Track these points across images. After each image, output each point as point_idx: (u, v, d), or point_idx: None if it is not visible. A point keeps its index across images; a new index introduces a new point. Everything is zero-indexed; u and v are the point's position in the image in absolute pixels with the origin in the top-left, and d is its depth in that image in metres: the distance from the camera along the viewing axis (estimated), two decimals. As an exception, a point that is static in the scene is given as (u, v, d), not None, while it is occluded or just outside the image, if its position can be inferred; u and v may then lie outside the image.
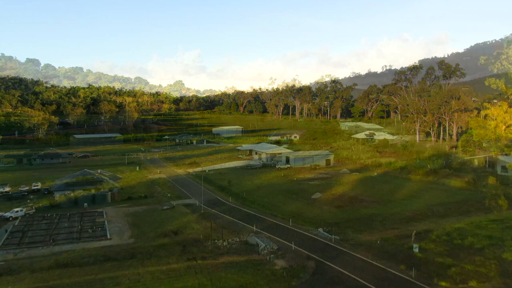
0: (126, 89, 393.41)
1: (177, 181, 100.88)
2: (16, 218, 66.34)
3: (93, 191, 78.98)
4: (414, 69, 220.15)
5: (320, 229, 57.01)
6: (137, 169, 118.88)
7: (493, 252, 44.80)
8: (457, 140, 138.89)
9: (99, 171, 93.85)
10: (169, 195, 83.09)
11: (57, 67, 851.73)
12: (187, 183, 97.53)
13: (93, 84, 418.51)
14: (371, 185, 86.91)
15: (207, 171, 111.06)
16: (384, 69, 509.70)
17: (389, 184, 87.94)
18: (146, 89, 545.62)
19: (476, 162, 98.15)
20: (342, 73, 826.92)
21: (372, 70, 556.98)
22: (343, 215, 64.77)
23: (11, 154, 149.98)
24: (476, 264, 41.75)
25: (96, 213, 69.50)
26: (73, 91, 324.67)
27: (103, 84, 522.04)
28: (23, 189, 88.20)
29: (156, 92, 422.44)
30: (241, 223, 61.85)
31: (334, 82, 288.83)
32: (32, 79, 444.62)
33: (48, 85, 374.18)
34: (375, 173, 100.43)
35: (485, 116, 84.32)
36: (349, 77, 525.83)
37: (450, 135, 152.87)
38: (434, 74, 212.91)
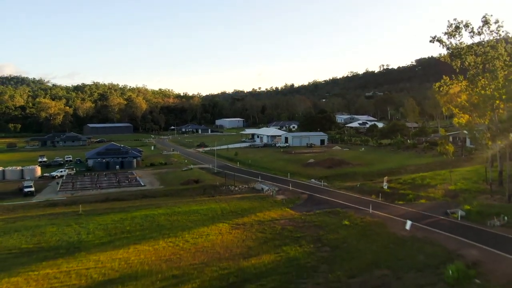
0: (130, 87, 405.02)
1: (190, 155, 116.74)
2: (61, 176, 79.92)
3: (120, 159, 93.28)
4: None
5: (313, 180, 70.91)
6: (152, 148, 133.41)
7: (442, 186, 58.26)
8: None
9: (122, 145, 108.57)
10: (186, 161, 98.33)
11: None
12: (199, 157, 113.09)
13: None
14: (358, 155, 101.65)
15: (215, 149, 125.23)
16: (381, 68, 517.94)
17: (374, 154, 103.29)
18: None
19: (450, 138, 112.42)
20: (340, 72, 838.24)
21: (370, 69, 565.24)
22: (331, 172, 78.32)
23: (36, 137, 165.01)
24: (428, 192, 55.17)
25: (127, 173, 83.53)
26: (79, 88, 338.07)
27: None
28: (58, 159, 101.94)
29: (159, 89, 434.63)
30: (248, 177, 75.69)
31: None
32: (34, 78, 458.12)
33: (50, 84, 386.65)
34: (363, 148, 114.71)
35: None
36: (347, 76, 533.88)
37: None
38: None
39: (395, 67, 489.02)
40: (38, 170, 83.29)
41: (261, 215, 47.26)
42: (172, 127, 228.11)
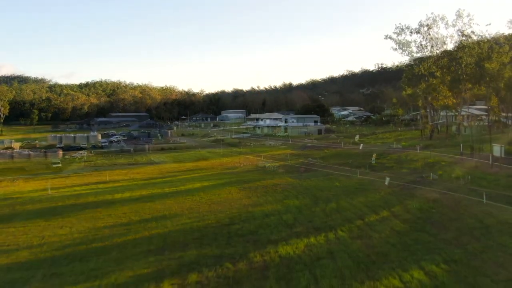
0: (136, 83, 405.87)
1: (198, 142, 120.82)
2: (117, 141, 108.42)
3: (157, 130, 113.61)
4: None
5: (310, 158, 74.25)
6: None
7: (424, 160, 61.48)
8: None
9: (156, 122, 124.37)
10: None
11: None
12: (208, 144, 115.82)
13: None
14: (343, 129, 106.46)
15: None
16: (377, 67, 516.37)
17: (359, 129, 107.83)
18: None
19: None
20: (337, 71, 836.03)
21: (366, 68, 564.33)
22: (321, 137, 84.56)
23: (73, 122, 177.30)
24: (410, 165, 58.49)
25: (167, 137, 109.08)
26: (88, 85, 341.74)
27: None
28: (112, 132, 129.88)
29: (165, 85, 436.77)
30: (259, 138, 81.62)
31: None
32: (36, 77, 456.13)
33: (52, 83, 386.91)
34: (357, 136, 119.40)
35: None
36: (344, 75, 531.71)
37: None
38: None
39: (391, 66, 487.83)
40: (99, 136, 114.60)
41: (264, 182, 50.81)
42: (183, 117, 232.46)
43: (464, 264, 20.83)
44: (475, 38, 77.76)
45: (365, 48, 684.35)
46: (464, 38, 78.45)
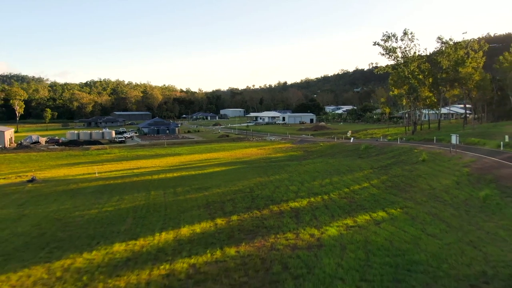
0: (135, 83, 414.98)
1: (211, 130, 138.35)
2: (130, 137, 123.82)
3: (166, 127, 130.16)
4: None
5: (303, 135, 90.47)
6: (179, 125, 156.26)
7: (401, 149, 72.91)
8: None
9: (165, 119, 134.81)
10: (213, 129, 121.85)
11: None
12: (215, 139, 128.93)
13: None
14: (336, 126, 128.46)
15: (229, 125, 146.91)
16: (371, 66, 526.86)
17: (348, 125, 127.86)
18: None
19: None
20: (331, 70, 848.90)
21: (359, 67, 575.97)
22: (317, 133, 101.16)
23: (82, 120, 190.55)
24: (389, 153, 69.78)
25: (175, 134, 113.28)
26: (88, 84, 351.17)
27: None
28: (123, 129, 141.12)
29: (163, 85, 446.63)
30: (260, 135, 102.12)
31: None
32: (33, 76, 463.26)
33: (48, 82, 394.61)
34: (341, 123, 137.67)
35: None
36: (338, 74, 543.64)
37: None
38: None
39: (384, 65, 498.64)
40: (113, 133, 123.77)
41: (273, 146, 78.32)
42: (184, 115, 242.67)
43: (413, 208, 31.80)
44: (451, 43, 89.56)
45: (360, 47, 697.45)
46: (442, 45, 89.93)
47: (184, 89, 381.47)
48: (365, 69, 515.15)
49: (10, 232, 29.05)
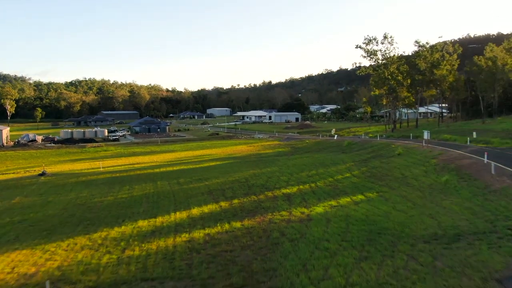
0: (121, 82, 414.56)
1: (200, 128, 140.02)
2: (123, 135, 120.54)
3: (157, 126, 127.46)
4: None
5: (290, 133, 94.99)
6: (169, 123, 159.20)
7: (380, 144, 79.16)
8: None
9: (156, 118, 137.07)
10: (203, 127, 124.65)
11: None
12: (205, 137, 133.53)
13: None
14: (321, 125, 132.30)
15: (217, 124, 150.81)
16: (354, 66, 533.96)
17: (333, 124, 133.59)
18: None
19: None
20: (315, 70, 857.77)
21: (343, 67, 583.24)
22: (303, 131, 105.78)
23: (71, 119, 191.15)
24: (369, 148, 75.94)
25: (166, 133, 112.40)
26: (73, 83, 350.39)
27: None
28: (114, 128, 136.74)
29: (149, 84, 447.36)
30: (248, 133, 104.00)
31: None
32: (15, 75, 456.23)
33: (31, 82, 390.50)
34: (326, 122, 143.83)
35: None
36: (322, 73, 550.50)
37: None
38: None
39: (367, 65, 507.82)
40: (106, 131, 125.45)
41: (262, 143, 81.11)
42: (171, 115, 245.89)
43: (387, 192, 37.47)
44: (428, 46, 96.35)
45: (344, 47, 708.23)
46: (419, 48, 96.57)
47: (170, 89, 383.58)
48: (348, 69, 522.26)
49: (43, 214, 33.62)
